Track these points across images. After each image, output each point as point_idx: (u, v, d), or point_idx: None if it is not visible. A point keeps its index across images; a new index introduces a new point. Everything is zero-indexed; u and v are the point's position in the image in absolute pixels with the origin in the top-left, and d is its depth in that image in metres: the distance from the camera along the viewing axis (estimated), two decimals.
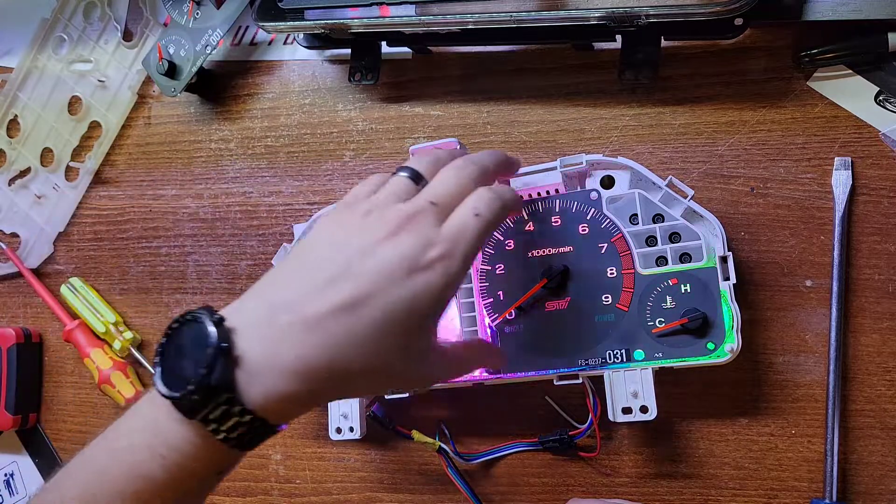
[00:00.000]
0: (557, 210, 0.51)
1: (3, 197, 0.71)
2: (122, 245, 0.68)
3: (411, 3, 0.52)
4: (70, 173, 0.70)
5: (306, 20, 0.55)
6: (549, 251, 0.51)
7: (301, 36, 0.61)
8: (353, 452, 0.60)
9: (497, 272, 0.53)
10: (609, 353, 0.49)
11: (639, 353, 0.49)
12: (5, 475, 0.71)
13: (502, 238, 0.53)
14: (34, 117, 0.70)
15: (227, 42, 0.65)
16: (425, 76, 0.60)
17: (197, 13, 0.62)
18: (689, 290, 0.48)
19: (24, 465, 0.70)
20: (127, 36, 0.68)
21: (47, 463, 0.69)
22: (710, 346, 0.47)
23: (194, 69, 0.62)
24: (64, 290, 0.68)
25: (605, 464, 0.53)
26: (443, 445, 0.55)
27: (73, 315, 0.68)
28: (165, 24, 0.65)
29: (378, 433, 0.57)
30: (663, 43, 0.51)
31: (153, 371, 0.37)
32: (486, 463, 0.56)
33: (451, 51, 0.59)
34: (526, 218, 0.52)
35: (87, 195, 0.69)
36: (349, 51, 0.59)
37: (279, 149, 0.63)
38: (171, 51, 0.63)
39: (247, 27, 0.65)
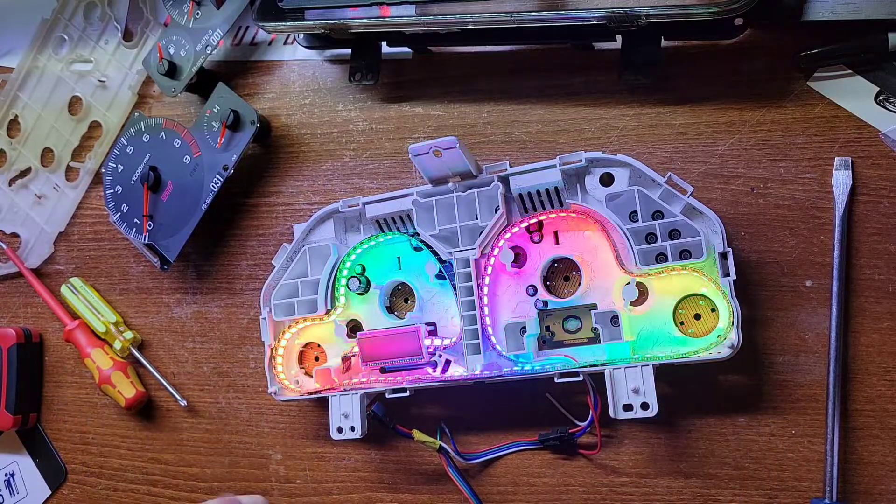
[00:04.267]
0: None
1: (3, 197, 0.72)
2: (123, 245, 0.68)
3: (411, 3, 0.52)
4: (70, 173, 0.70)
5: (306, 20, 0.55)
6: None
7: (301, 36, 0.61)
8: (353, 452, 0.60)
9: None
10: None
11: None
12: (6, 475, 0.71)
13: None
14: (34, 117, 0.70)
15: (227, 42, 0.66)
16: (425, 76, 0.60)
17: (197, 13, 0.62)
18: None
19: (24, 465, 0.70)
20: (127, 36, 0.68)
21: (47, 463, 0.69)
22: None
23: (194, 69, 0.62)
24: (64, 290, 0.68)
25: (606, 463, 0.53)
26: (443, 445, 0.55)
27: (74, 315, 0.68)
28: (166, 24, 0.65)
29: (378, 433, 0.57)
30: (663, 43, 0.52)
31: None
32: (486, 462, 0.56)
33: (452, 51, 0.59)
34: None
35: (87, 195, 0.70)
36: (349, 51, 0.60)
37: (279, 149, 0.63)
38: (172, 51, 0.63)
39: (247, 27, 0.65)
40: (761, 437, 0.50)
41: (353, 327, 0.58)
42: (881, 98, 0.50)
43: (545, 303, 0.53)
